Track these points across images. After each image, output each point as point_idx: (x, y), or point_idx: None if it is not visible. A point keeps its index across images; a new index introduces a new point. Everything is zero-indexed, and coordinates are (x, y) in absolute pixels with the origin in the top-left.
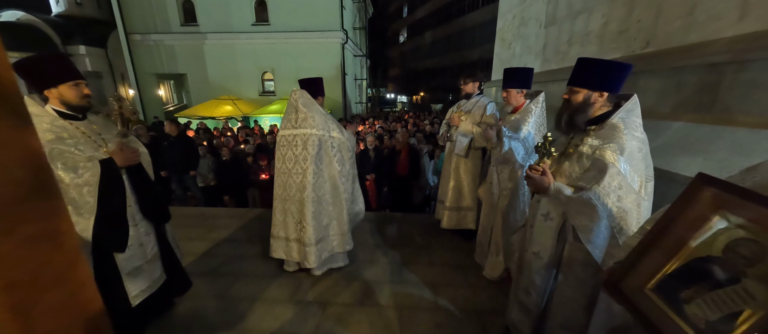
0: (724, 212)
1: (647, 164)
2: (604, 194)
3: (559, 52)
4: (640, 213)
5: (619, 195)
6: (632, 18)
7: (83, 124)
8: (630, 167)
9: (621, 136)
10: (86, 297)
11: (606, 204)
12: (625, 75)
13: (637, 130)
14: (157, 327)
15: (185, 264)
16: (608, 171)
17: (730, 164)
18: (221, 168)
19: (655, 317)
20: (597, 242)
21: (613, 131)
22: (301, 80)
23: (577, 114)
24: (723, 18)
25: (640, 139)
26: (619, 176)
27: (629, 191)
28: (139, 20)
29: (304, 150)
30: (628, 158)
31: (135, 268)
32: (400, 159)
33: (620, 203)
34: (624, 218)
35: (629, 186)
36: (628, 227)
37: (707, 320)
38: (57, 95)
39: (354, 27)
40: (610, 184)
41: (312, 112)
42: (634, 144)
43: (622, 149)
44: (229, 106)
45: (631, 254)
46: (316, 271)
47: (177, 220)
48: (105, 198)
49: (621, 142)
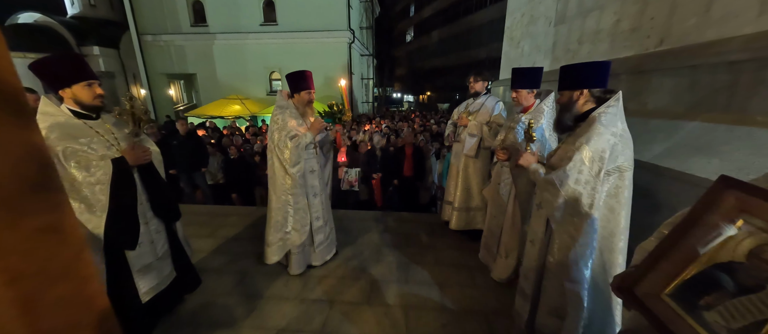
0: (749, 215)
1: (626, 157)
2: (564, 177)
3: (569, 50)
4: (593, 198)
5: (578, 178)
6: (645, 15)
7: (96, 124)
8: (596, 157)
9: (593, 130)
10: (92, 291)
11: (565, 185)
12: (602, 71)
13: (615, 125)
14: (168, 323)
15: (195, 261)
16: (573, 158)
17: (749, 166)
18: (229, 166)
19: (672, 324)
20: (557, 216)
21: (588, 126)
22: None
23: (563, 113)
24: (741, 15)
25: (617, 133)
26: (581, 164)
27: (588, 179)
28: (150, 21)
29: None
30: (594, 149)
31: (145, 265)
32: (406, 159)
33: (577, 186)
34: (578, 200)
35: (588, 173)
36: (581, 209)
37: (729, 328)
38: (71, 95)
39: (361, 26)
40: (573, 169)
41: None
42: (608, 138)
43: (588, 140)
44: (238, 106)
45: (648, 258)
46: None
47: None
48: (117, 196)
49: (590, 135)
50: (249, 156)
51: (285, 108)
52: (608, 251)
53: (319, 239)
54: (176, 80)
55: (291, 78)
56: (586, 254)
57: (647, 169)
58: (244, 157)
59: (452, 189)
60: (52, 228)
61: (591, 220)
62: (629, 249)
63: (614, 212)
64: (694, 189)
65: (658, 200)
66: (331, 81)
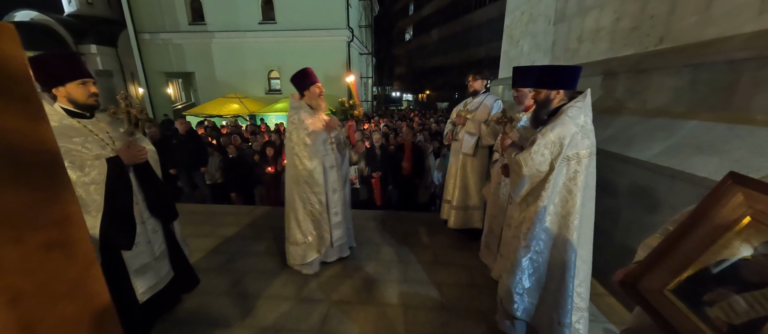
0: (757, 212)
1: (585, 145)
2: (528, 156)
3: (568, 49)
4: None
5: (541, 160)
6: (645, 13)
7: (91, 123)
8: (557, 142)
9: (559, 121)
10: (99, 309)
11: (528, 163)
12: (575, 75)
13: (579, 118)
14: (166, 322)
15: (194, 260)
16: (537, 141)
17: (749, 164)
18: (228, 165)
19: (675, 320)
20: (518, 191)
21: (557, 117)
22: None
23: (540, 109)
24: (742, 13)
25: (579, 124)
26: (544, 147)
27: (548, 160)
28: (148, 19)
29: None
30: (557, 135)
31: (143, 265)
32: (405, 158)
33: (540, 166)
34: (538, 176)
35: (549, 154)
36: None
37: (731, 323)
38: (65, 94)
39: (360, 25)
40: (536, 151)
41: (288, 113)
42: (570, 127)
43: (553, 128)
44: (236, 105)
45: (652, 253)
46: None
47: (185, 217)
48: (112, 196)
49: (555, 124)
50: (248, 155)
51: (298, 108)
52: (565, 228)
53: (338, 234)
54: (174, 79)
55: (296, 79)
56: (545, 230)
57: (647, 168)
58: (243, 157)
59: (451, 188)
60: (59, 244)
61: (543, 198)
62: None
63: (572, 193)
64: (695, 188)
65: (658, 199)
66: (331, 80)
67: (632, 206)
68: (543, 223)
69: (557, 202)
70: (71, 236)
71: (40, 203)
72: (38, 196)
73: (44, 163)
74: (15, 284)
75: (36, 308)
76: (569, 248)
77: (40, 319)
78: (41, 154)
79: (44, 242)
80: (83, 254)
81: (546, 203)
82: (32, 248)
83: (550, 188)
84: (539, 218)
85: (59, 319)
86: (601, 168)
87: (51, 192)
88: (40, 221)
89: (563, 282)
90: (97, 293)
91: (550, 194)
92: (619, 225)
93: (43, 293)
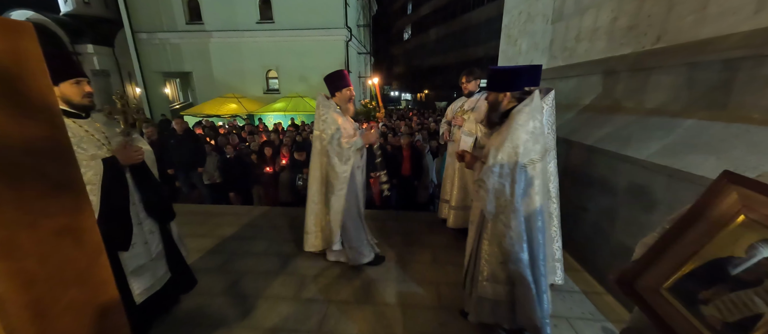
0: (751, 211)
1: (536, 150)
2: (489, 173)
3: (566, 48)
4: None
5: (500, 173)
6: (643, 12)
7: (86, 123)
8: (512, 153)
9: (510, 130)
10: (107, 296)
11: (491, 179)
12: (521, 77)
13: (528, 124)
14: (164, 324)
15: (192, 261)
16: (494, 156)
17: (746, 163)
18: (226, 165)
19: (670, 318)
20: (489, 209)
21: (508, 124)
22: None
23: (491, 112)
24: (738, 11)
25: (529, 131)
26: (501, 160)
27: (508, 172)
28: (145, 19)
29: (313, 149)
30: (511, 146)
31: (139, 266)
32: (403, 158)
33: (500, 179)
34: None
35: (508, 167)
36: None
37: (725, 321)
38: (58, 94)
39: (358, 24)
40: (495, 165)
41: (317, 111)
42: (521, 135)
43: (505, 139)
44: (234, 105)
45: (648, 252)
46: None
47: (183, 217)
48: (108, 197)
49: (506, 134)
50: (246, 155)
51: (329, 107)
52: (530, 229)
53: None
54: (172, 79)
55: (331, 79)
56: (522, 238)
57: (645, 166)
58: (241, 157)
59: (449, 188)
60: (70, 231)
61: (516, 207)
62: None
63: (531, 197)
64: (691, 187)
65: (655, 198)
66: None
67: (630, 205)
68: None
69: (523, 208)
70: (81, 223)
71: (53, 191)
72: (51, 184)
73: (57, 153)
74: (29, 268)
75: (48, 293)
76: (536, 248)
77: (51, 303)
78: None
79: (56, 229)
80: (92, 243)
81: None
82: (45, 234)
83: (517, 202)
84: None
85: (68, 304)
86: (599, 167)
87: (63, 181)
88: (53, 209)
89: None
90: (104, 281)
91: (519, 209)
92: (617, 224)
93: (54, 278)
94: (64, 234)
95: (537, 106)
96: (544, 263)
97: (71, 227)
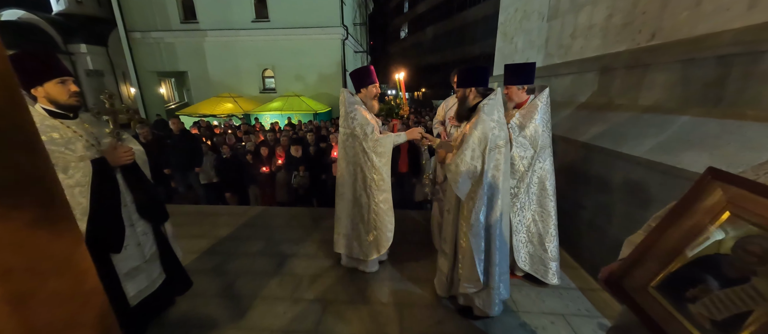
0: (736, 207)
1: (502, 137)
2: (462, 156)
3: (562, 46)
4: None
5: (472, 155)
6: (637, 10)
7: (74, 123)
8: (482, 138)
9: (479, 120)
10: (90, 287)
11: (464, 161)
12: (485, 74)
13: (493, 113)
14: (158, 326)
15: (187, 262)
16: (466, 140)
17: (739, 160)
18: (222, 165)
19: (659, 317)
20: (461, 187)
21: (476, 115)
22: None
23: (461, 105)
24: (732, 8)
25: (495, 120)
26: (472, 145)
27: (478, 155)
28: (139, 18)
29: (342, 148)
30: (481, 132)
31: (133, 268)
32: (401, 156)
33: (472, 161)
34: (473, 171)
35: (478, 150)
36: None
37: (713, 320)
38: (44, 94)
39: (354, 23)
40: (467, 149)
41: (342, 108)
42: (489, 124)
43: (476, 127)
44: (230, 104)
45: (634, 251)
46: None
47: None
48: (98, 198)
49: (476, 123)
50: (242, 155)
51: (355, 103)
52: (492, 198)
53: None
54: (167, 78)
55: (356, 75)
56: (483, 203)
57: (639, 163)
58: (236, 156)
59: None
60: (44, 222)
61: (483, 184)
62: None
63: (495, 179)
64: (686, 183)
65: (649, 195)
66: (325, 78)
67: (626, 202)
68: (481, 207)
69: (487, 189)
70: (55, 214)
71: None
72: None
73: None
74: (5, 259)
75: (26, 283)
76: (495, 220)
77: (31, 294)
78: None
79: (29, 220)
80: (69, 233)
81: (483, 183)
82: (18, 225)
83: (485, 179)
84: (477, 205)
85: (50, 294)
86: (595, 164)
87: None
88: (25, 200)
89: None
90: (85, 270)
91: (485, 185)
92: (613, 220)
93: (32, 269)
94: (38, 225)
95: (499, 101)
96: (500, 237)
97: (47, 218)
